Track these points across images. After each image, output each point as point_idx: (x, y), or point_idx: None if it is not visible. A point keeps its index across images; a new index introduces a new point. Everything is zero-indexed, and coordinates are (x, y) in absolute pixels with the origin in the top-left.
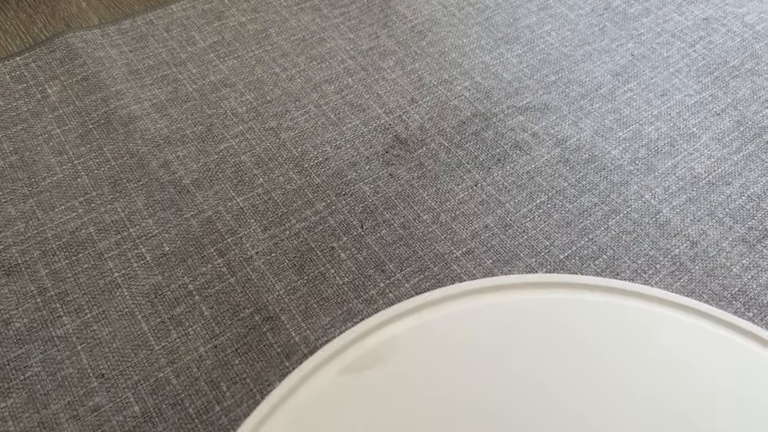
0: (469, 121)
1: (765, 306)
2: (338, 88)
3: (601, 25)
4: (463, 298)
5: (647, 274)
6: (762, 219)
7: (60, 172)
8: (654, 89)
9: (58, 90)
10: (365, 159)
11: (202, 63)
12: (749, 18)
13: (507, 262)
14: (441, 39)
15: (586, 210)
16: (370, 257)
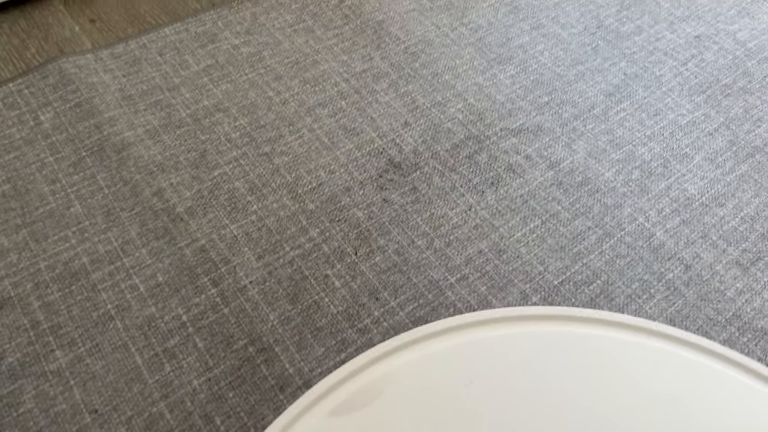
0: (463, 144)
1: (759, 331)
2: (332, 112)
3: (594, 45)
4: (456, 332)
5: (641, 299)
6: (755, 241)
7: (53, 202)
8: (647, 109)
9: (51, 117)
10: (359, 184)
11: (195, 87)
12: (741, 35)
13: (501, 288)
14: (434, 60)
15: (580, 234)
16: (365, 285)
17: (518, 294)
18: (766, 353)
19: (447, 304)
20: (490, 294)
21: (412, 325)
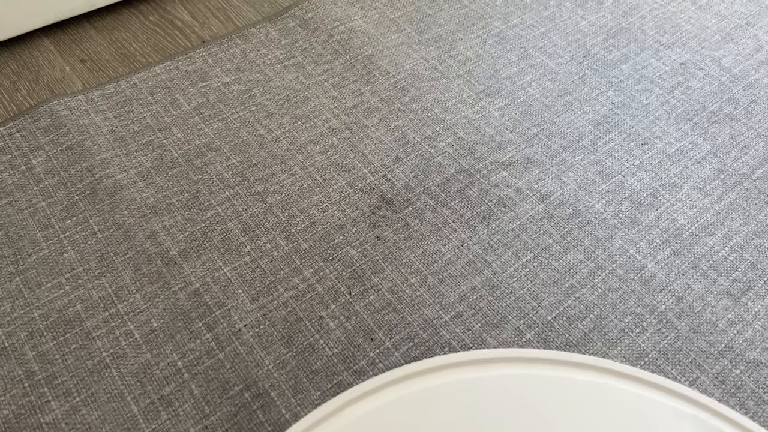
0: (454, 178)
1: (752, 362)
2: (323, 149)
3: (581, 74)
4: (441, 372)
5: (634, 332)
6: (745, 270)
7: (46, 248)
8: (635, 138)
9: (43, 161)
10: (352, 221)
11: (186, 126)
12: (725, 61)
13: (496, 325)
14: (423, 94)
15: (572, 267)
16: (359, 325)
17: (512, 330)
18: (759, 385)
19: (442, 343)
20: (485, 331)
21: None
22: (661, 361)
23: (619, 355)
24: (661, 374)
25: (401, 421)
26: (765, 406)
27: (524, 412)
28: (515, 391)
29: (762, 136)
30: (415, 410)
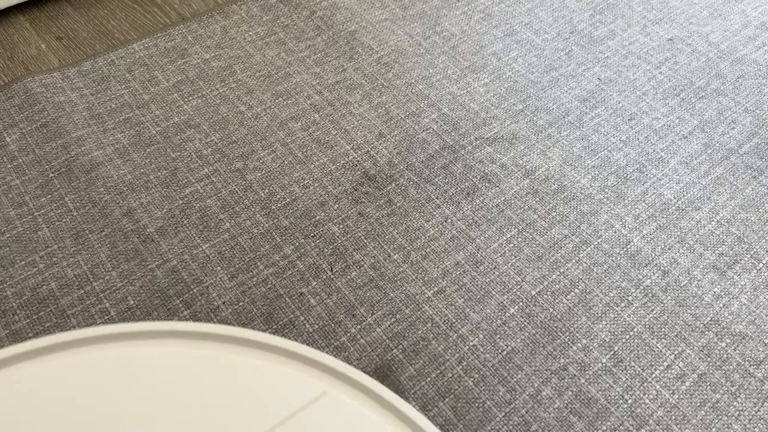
0: (438, 155)
1: (738, 335)
2: (305, 125)
3: (568, 50)
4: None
5: (620, 306)
6: (732, 244)
7: (20, 225)
8: (621, 114)
9: (17, 138)
10: (334, 198)
11: (165, 104)
12: (713, 37)
13: (479, 300)
14: (407, 70)
15: (557, 242)
16: (341, 302)
17: (496, 305)
18: (744, 357)
19: (424, 319)
20: (468, 306)
21: (389, 341)
22: (647, 334)
23: (604, 329)
24: (645, 347)
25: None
26: (751, 378)
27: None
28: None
29: (749, 111)
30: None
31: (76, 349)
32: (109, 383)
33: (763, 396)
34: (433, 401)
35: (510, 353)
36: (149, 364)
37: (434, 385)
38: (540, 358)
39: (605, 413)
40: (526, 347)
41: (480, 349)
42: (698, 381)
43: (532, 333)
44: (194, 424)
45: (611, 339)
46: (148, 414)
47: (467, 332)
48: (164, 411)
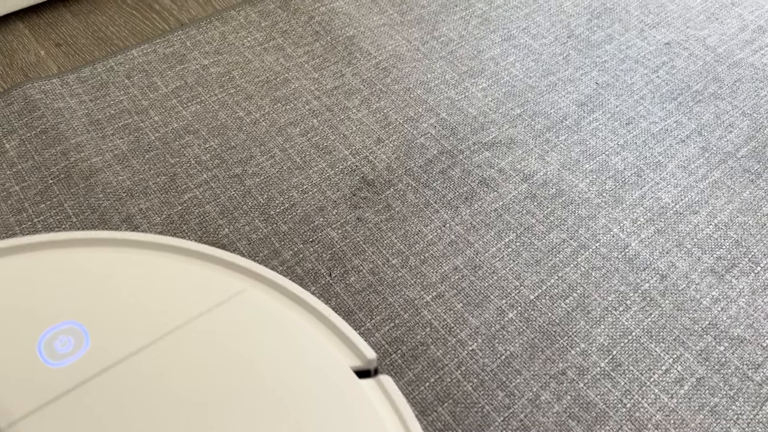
0: (436, 159)
1: (736, 339)
2: (304, 130)
3: (565, 54)
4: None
5: (618, 311)
6: (729, 248)
7: (19, 233)
8: (619, 118)
9: (16, 144)
10: (332, 203)
11: (164, 110)
12: (710, 40)
13: (478, 305)
14: (406, 75)
15: (555, 247)
16: (339, 307)
17: (494, 310)
18: (743, 361)
19: (423, 323)
20: (466, 311)
21: (388, 346)
22: (645, 338)
23: (602, 333)
24: (644, 351)
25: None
26: (749, 382)
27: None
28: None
29: (746, 115)
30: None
31: (8, 257)
32: (41, 284)
33: (762, 399)
34: (432, 406)
35: (509, 358)
36: (80, 267)
37: (433, 390)
38: (539, 362)
39: (604, 417)
40: (525, 352)
41: (479, 354)
42: (696, 385)
43: (530, 337)
44: (118, 316)
45: (610, 343)
46: (78, 307)
47: (466, 337)
48: (92, 305)
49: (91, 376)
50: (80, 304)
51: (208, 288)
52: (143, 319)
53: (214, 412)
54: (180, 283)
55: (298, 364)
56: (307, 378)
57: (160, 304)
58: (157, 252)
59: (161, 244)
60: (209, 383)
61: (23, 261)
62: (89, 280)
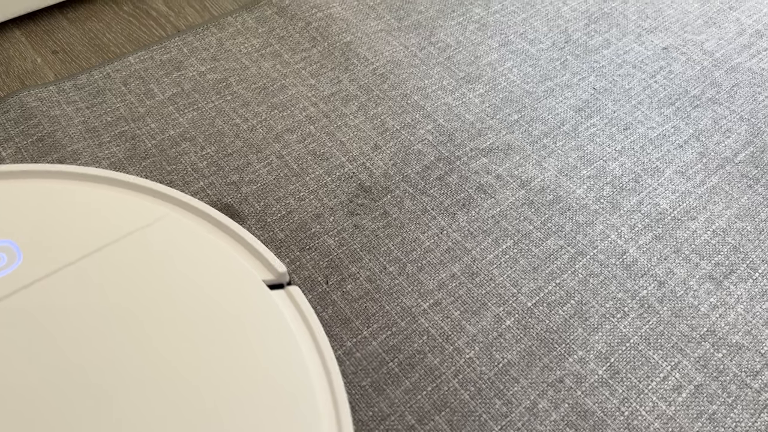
0: (433, 166)
1: (734, 345)
2: (300, 137)
3: (563, 59)
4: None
5: (616, 318)
6: (728, 254)
7: None
8: (617, 123)
9: (12, 152)
10: (329, 210)
11: (161, 116)
12: (708, 45)
13: (475, 312)
14: (403, 81)
15: (553, 253)
16: (336, 315)
17: (492, 317)
18: (741, 368)
19: (420, 331)
20: (464, 319)
21: (385, 355)
22: (643, 345)
23: (600, 341)
24: (642, 359)
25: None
26: (747, 389)
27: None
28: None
29: (744, 120)
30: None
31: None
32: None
33: (760, 407)
34: (429, 415)
35: (506, 366)
36: (18, 195)
37: (430, 399)
38: (536, 370)
39: (602, 425)
40: (522, 359)
41: (476, 362)
42: (695, 392)
43: (528, 345)
44: (49, 236)
45: (607, 350)
46: (12, 230)
47: (463, 345)
48: (25, 227)
49: (21, 287)
50: (15, 227)
51: (134, 213)
52: (73, 239)
53: (136, 322)
54: (108, 209)
55: (214, 279)
56: (222, 291)
57: (88, 227)
58: (89, 182)
59: (93, 175)
60: (133, 297)
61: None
62: (25, 207)
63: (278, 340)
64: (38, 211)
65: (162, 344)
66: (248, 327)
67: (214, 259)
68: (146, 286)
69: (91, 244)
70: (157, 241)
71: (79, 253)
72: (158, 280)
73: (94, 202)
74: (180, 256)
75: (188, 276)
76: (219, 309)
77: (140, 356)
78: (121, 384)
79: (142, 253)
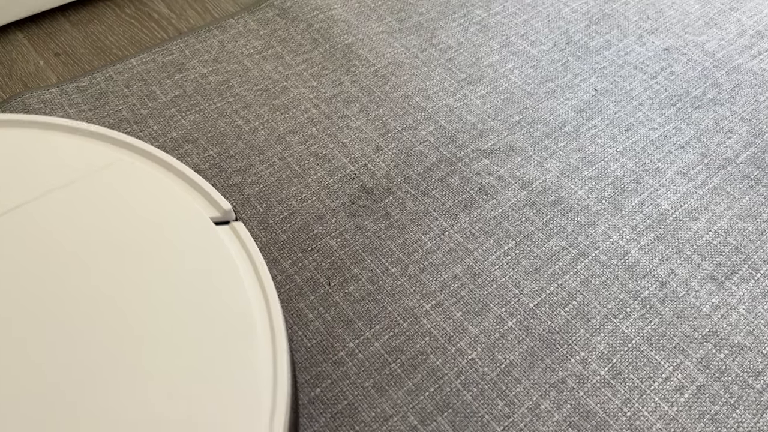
0: (435, 167)
1: (736, 346)
2: (302, 139)
3: (564, 61)
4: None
5: (618, 318)
6: (729, 254)
7: None
8: (618, 124)
9: None
10: (331, 211)
11: (163, 119)
12: (709, 46)
13: (477, 313)
14: (404, 83)
15: (554, 254)
16: (339, 316)
17: (494, 318)
18: (743, 369)
19: (422, 332)
20: (466, 320)
21: (387, 356)
22: (645, 346)
23: (602, 341)
24: (644, 359)
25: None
26: (749, 390)
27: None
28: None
29: (746, 120)
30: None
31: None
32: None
33: (762, 407)
34: (432, 416)
35: (508, 366)
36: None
37: (432, 400)
38: (538, 371)
39: (604, 426)
40: (525, 360)
41: (478, 363)
42: (697, 393)
43: (530, 346)
44: (4, 177)
45: (609, 351)
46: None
47: (465, 345)
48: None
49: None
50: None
51: (88, 157)
52: (29, 180)
53: (89, 256)
54: (64, 154)
55: (164, 216)
56: (172, 227)
57: (45, 169)
58: (45, 130)
59: (50, 123)
60: (85, 235)
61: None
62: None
63: (221, 271)
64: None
65: (112, 277)
66: (194, 259)
67: (164, 199)
68: (98, 223)
69: (44, 186)
70: (109, 183)
71: (34, 194)
72: (110, 218)
73: (51, 148)
74: (131, 196)
75: (139, 214)
76: (167, 243)
77: (90, 288)
78: (72, 316)
79: (95, 195)
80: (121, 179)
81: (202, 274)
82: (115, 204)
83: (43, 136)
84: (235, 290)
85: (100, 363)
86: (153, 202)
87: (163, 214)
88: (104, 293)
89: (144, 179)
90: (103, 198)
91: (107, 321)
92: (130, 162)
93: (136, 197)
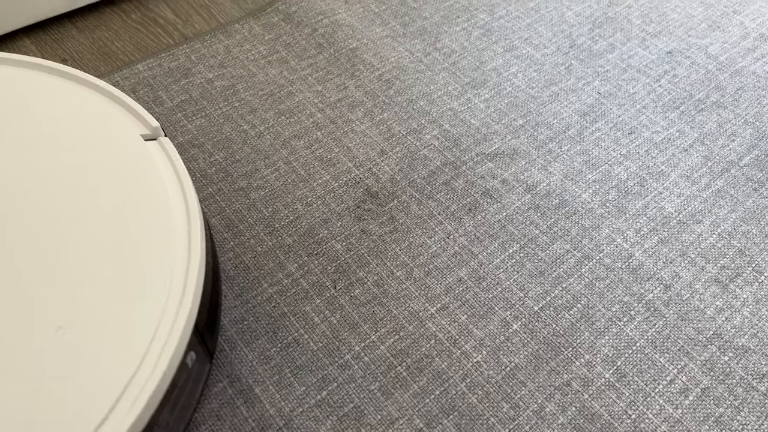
0: (439, 171)
1: (740, 348)
2: (308, 143)
3: (567, 64)
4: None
5: (622, 321)
6: (733, 257)
7: None
8: (622, 127)
9: None
10: (336, 215)
11: (169, 123)
12: (712, 49)
13: (482, 316)
14: (408, 87)
15: (559, 257)
16: (344, 319)
17: (499, 321)
18: (747, 371)
19: (428, 336)
20: (471, 323)
21: (393, 359)
22: (649, 349)
23: (606, 344)
24: (648, 362)
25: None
26: (754, 392)
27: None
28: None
29: (749, 123)
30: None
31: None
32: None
33: (767, 410)
34: (437, 419)
35: (513, 369)
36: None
37: (438, 402)
38: (543, 373)
39: (609, 429)
40: (530, 363)
41: (483, 366)
42: (701, 395)
43: (535, 349)
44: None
45: (614, 354)
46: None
47: (471, 348)
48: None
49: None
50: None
51: (25, 85)
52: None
53: (24, 168)
54: (15, 89)
55: (96, 134)
56: (103, 143)
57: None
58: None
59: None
60: (18, 151)
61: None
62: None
63: (148, 181)
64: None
65: (44, 189)
66: (123, 172)
67: (96, 118)
68: (32, 142)
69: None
70: (42, 106)
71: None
72: (44, 138)
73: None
74: (64, 117)
75: (72, 133)
76: (99, 158)
77: (23, 200)
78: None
79: (32, 116)
80: (53, 102)
81: (130, 183)
82: (48, 124)
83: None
84: (159, 195)
85: (23, 256)
86: (85, 121)
87: (95, 131)
88: (35, 201)
89: (75, 101)
90: (34, 119)
91: (37, 225)
92: (61, 85)
93: (68, 117)
